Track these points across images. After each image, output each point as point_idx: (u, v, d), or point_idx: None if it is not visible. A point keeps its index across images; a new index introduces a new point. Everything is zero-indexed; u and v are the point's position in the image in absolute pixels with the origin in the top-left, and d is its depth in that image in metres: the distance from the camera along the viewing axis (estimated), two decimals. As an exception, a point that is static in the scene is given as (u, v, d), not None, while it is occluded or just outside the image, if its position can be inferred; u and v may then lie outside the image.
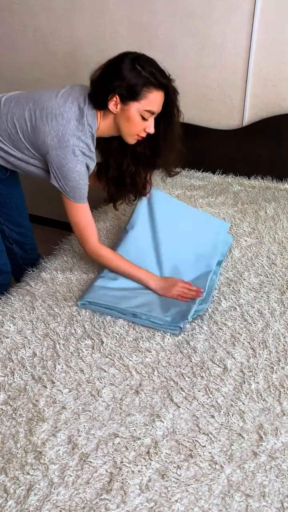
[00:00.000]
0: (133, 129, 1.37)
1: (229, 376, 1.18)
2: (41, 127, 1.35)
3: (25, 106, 1.40)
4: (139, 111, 1.33)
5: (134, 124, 1.35)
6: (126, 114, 1.34)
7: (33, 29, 2.38)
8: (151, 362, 1.23)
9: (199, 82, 2.15)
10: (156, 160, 1.54)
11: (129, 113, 1.33)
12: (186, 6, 2.01)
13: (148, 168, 1.57)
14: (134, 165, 1.53)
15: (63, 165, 1.34)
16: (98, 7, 2.16)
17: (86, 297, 1.42)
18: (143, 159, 1.52)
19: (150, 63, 1.31)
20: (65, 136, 1.33)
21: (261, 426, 1.05)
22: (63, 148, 1.33)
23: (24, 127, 1.39)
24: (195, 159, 2.32)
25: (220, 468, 0.96)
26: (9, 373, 1.21)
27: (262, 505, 0.90)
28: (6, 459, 0.99)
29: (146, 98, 1.31)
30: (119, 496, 0.91)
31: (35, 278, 1.57)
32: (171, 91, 1.35)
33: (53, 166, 1.36)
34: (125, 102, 1.32)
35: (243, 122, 2.16)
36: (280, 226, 1.83)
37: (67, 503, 0.90)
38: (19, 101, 1.43)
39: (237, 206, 1.98)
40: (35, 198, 2.10)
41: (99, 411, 1.10)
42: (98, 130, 1.40)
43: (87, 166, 1.38)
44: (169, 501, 0.90)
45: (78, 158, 1.34)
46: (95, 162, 1.43)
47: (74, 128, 1.34)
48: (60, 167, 1.35)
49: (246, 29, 1.95)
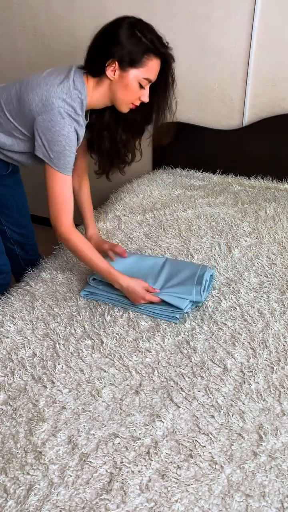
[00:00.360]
0: (130, 97, 1.34)
1: (229, 376, 1.18)
2: (25, 97, 1.31)
3: (11, 87, 1.38)
4: (137, 79, 1.31)
5: (131, 91, 1.33)
6: (124, 81, 1.31)
7: (33, 29, 2.38)
8: (151, 362, 1.23)
9: (199, 82, 2.15)
10: (146, 126, 1.50)
11: (127, 80, 1.31)
12: (186, 6, 2.01)
13: (137, 134, 1.53)
14: (126, 133, 1.49)
15: (49, 128, 1.28)
16: (98, 7, 2.16)
17: (88, 287, 1.45)
18: (134, 126, 1.48)
19: (149, 29, 1.29)
20: (49, 99, 1.28)
21: (261, 426, 1.05)
22: (48, 112, 1.27)
23: (11, 106, 1.36)
24: (195, 159, 2.33)
25: (220, 468, 0.96)
26: (9, 373, 1.21)
27: (262, 505, 0.90)
28: (6, 459, 0.99)
29: (146, 65, 1.29)
30: (119, 496, 0.91)
31: (35, 278, 1.57)
32: (169, 59, 1.34)
33: (39, 134, 1.30)
34: (124, 68, 1.29)
35: (243, 122, 2.16)
36: (280, 226, 1.83)
37: (67, 503, 0.90)
38: (6, 86, 1.41)
39: (237, 206, 1.98)
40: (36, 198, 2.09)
41: (99, 411, 1.10)
42: (91, 99, 1.36)
43: (76, 132, 1.32)
44: (169, 501, 0.90)
45: (65, 120, 1.28)
46: (83, 128, 1.38)
47: (59, 90, 1.29)
48: (46, 132, 1.29)
49: (246, 29, 1.95)
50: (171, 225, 1.87)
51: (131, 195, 2.10)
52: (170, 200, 2.05)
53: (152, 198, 2.06)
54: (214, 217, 1.91)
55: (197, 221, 1.89)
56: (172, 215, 1.93)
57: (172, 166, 2.37)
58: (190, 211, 1.96)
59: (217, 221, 1.89)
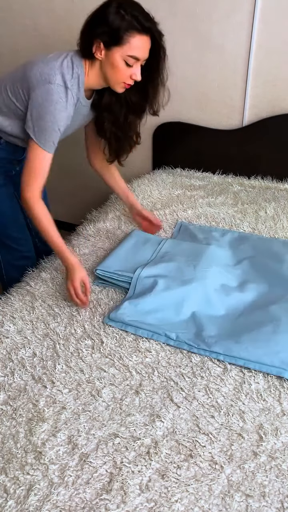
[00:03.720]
0: (119, 76, 1.35)
1: (229, 376, 1.18)
2: (25, 76, 1.36)
3: (14, 71, 1.43)
4: (122, 57, 1.31)
5: (119, 70, 1.34)
6: (110, 60, 1.33)
7: (33, 29, 2.37)
8: (151, 362, 1.23)
9: (199, 82, 2.15)
10: (145, 105, 1.51)
11: (112, 59, 1.32)
12: (186, 6, 2.00)
13: (139, 114, 1.54)
14: (127, 114, 1.51)
15: (39, 103, 1.32)
16: (98, 7, 2.16)
17: None
18: (135, 106, 1.50)
19: (134, 7, 1.30)
20: (43, 75, 1.31)
21: (261, 426, 1.05)
22: (41, 86, 1.31)
23: (13, 87, 1.40)
24: (195, 159, 2.33)
25: (220, 468, 0.96)
26: (9, 373, 1.21)
27: (262, 505, 0.90)
28: (6, 459, 0.99)
29: (129, 42, 1.29)
30: (119, 496, 0.91)
31: (35, 278, 1.57)
32: (156, 34, 1.33)
33: (31, 108, 1.34)
34: (108, 47, 1.31)
35: (243, 122, 2.16)
36: (280, 226, 1.83)
37: (67, 503, 0.90)
38: (9, 72, 1.46)
39: (237, 206, 1.98)
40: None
41: (99, 411, 1.10)
42: (88, 79, 1.39)
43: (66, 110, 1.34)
44: (169, 501, 0.90)
45: (54, 97, 1.30)
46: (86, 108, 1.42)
47: (59, 65, 1.33)
48: (36, 106, 1.32)
49: (246, 29, 1.95)
50: (171, 225, 1.87)
51: (131, 195, 2.10)
52: (170, 200, 2.05)
53: (152, 198, 2.06)
54: (214, 217, 1.91)
55: (197, 221, 1.89)
56: (172, 215, 1.94)
57: (172, 166, 2.37)
58: (190, 211, 1.96)
59: (217, 221, 1.89)
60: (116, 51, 1.31)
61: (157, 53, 1.37)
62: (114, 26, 1.27)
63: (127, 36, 1.28)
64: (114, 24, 1.27)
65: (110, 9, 1.28)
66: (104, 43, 1.30)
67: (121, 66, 1.33)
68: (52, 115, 1.32)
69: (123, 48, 1.30)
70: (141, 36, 1.30)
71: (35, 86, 1.32)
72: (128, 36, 1.28)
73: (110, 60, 1.33)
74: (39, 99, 1.32)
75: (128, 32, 1.28)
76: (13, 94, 1.41)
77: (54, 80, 1.31)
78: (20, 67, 1.43)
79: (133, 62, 1.32)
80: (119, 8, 1.27)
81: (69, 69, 1.33)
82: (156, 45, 1.35)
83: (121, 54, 1.31)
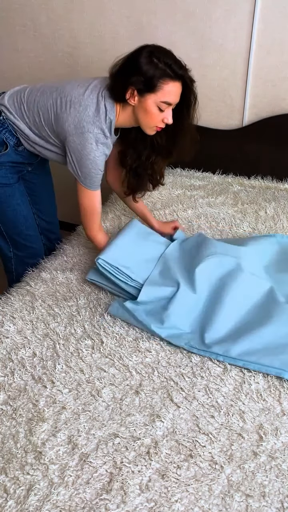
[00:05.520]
0: (151, 120, 1.39)
1: (229, 376, 1.18)
2: (60, 114, 1.40)
3: (49, 95, 1.44)
4: (155, 103, 1.35)
5: (151, 115, 1.38)
6: (143, 106, 1.36)
7: (33, 29, 2.37)
8: (151, 362, 1.23)
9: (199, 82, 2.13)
10: (173, 149, 1.56)
11: (146, 104, 1.36)
12: (186, 6, 2.00)
13: (165, 157, 1.60)
14: (153, 155, 1.56)
15: (78, 150, 1.39)
16: (98, 7, 2.16)
17: None
18: (161, 148, 1.55)
19: (166, 54, 1.33)
20: (81, 123, 1.36)
21: (261, 426, 1.05)
22: (79, 135, 1.37)
23: (46, 115, 1.44)
24: (195, 159, 2.31)
25: (220, 468, 0.96)
26: (9, 373, 1.21)
27: (262, 505, 0.90)
28: (6, 459, 0.99)
29: (162, 89, 1.32)
30: (119, 496, 0.91)
31: (35, 278, 1.57)
32: (188, 81, 1.37)
33: (70, 152, 1.41)
34: (142, 94, 1.34)
35: (243, 122, 2.15)
36: (280, 226, 1.83)
37: (67, 503, 0.90)
38: (44, 91, 1.47)
39: (237, 206, 1.98)
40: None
41: (99, 411, 1.10)
42: (118, 121, 1.43)
43: (104, 154, 1.42)
44: (169, 501, 0.90)
45: (93, 146, 1.38)
46: (111, 148, 1.46)
47: (91, 115, 1.37)
48: (75, 152, 1.40)
49: (246, 29, 1.95)
50: (171, 225, 1.87)
51: (131, 195, 2.10)
52: (170, 200, 2.05)
53: (152, 198, 2.06)
54: (214, 217, 1.91)
55: (197, 221, 1.89)
56: (172, 215, 1.94)
57: (172, 166, 2.36)
58: (190, 211, 1.96)
59: (217, 221, 1.89)
60: (150, 97, 1.34)
61: (188, 98, 1.40)
62: (148, 75, 1.30)
63: (160, 83, 1.31)
64: (148, 73, 1.30)
65: (142, 57, 1.30)
66: (138, 91, 1.33)
67: (154, 111, 1.37)
68: (92, 161, 1.40)
69: (156, 94, 1.33)
70: (174, 82, 1.33)
71: (70, 132, 1.38)
72: (162, 83, 1.32)
73: (143, 105, 1.36)
74: (78, 147, 1.38)
75: (162, 80, 1.31)
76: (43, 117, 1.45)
77: (92, 130, 1.36)
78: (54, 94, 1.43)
79: (165, 107, 1.36)
80: (151, 57, 1.30)
81: (103, 114, 1.38)
82: (187, 90, 1.38)
83: (154, 100, 1.34)
